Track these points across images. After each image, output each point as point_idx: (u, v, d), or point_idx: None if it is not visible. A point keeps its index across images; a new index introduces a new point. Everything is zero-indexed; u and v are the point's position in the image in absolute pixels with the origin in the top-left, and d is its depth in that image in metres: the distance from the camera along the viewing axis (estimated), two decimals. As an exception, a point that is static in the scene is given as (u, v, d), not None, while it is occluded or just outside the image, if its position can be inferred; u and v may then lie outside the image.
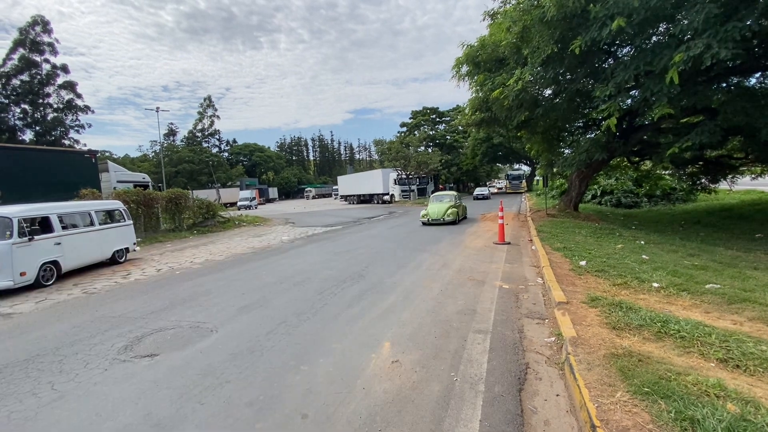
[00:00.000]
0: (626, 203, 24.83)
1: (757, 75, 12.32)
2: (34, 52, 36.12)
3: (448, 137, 57.50)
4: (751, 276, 6.77)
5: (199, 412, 3.20)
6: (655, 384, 2.89)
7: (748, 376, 3.16)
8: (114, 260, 10.57)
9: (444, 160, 49.54)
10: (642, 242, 10.34)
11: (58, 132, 37.82)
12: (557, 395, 3.28)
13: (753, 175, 20.64)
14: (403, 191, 40.17)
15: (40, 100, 36.96)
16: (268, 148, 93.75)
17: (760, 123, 9.81)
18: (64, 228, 8.90)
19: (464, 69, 16.01)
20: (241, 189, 58.67)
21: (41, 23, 36.21)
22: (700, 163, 18.20)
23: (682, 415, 2.52)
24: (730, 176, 19.25)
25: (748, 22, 7.92)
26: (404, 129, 62.19)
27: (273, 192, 75.70)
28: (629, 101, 11.23)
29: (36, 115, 37.01)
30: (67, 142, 38.07)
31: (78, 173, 16.21)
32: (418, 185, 41.67)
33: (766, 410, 2.54)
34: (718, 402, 2.65)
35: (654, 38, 10.55)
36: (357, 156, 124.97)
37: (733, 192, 24.25)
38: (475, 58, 15.17)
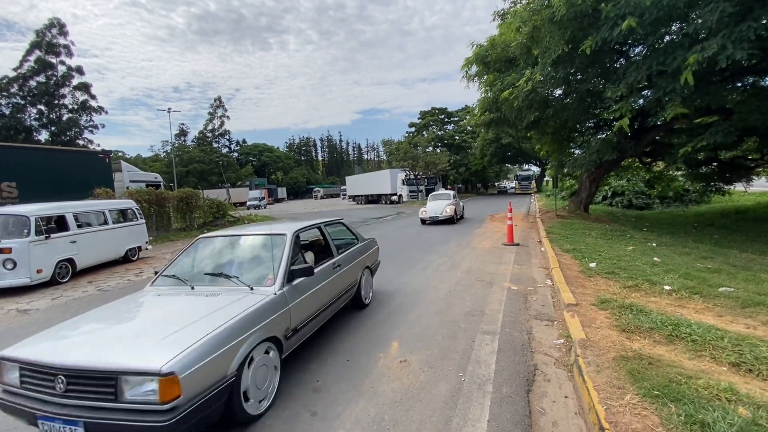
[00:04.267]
0: (638, 204, 24.46)
1: (774, 74, 12.06)
2: (50, 54, 36.82)
3: (457, 137, 57.16)
4: (766, 279, 6.64)
5: None
6: (665, 387, 2.86)
7: (761, 380, 3.12)
8: (127, 258, 10.77)
9: (452, 160, 49.33)
10: (654, 244, 10.21)
11: (73, 132, 38.51)
12: (566, 397, 3.27)
13: (769, 177, 20.25)
14: (411, 192, 40.12)
15: (56, 101, 37.66)
16: (277, 148, 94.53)
17: (777, 123, 9.64)
18: (79, 227, 9.10)
19: (473, 69, 15.96)
20: (250, 189, 59.22)
21: (57, 26, 36.87)
22: (714, 164, 17.85)
23: (692, 418, 2.50)
24: (745, 177, 18.87)
25: (764, 21, 7.78)
26: (413, 129, 61.98)
27: (282, 192, 76.25)
28: (641, 101, 11.10)
29: (51, 115, 37.73)
30: (81, 142, 38.75)
31: (92, 173, 16.55)
32: (426, 186, 41.57)
33: (779, 415, 2.51)
34: (730, 406, 2.63)
35: (667, 37, 10.41)
36: (365, 156, 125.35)
37: (749, 194, 23.78)
38: (485, 58, 15.11)
